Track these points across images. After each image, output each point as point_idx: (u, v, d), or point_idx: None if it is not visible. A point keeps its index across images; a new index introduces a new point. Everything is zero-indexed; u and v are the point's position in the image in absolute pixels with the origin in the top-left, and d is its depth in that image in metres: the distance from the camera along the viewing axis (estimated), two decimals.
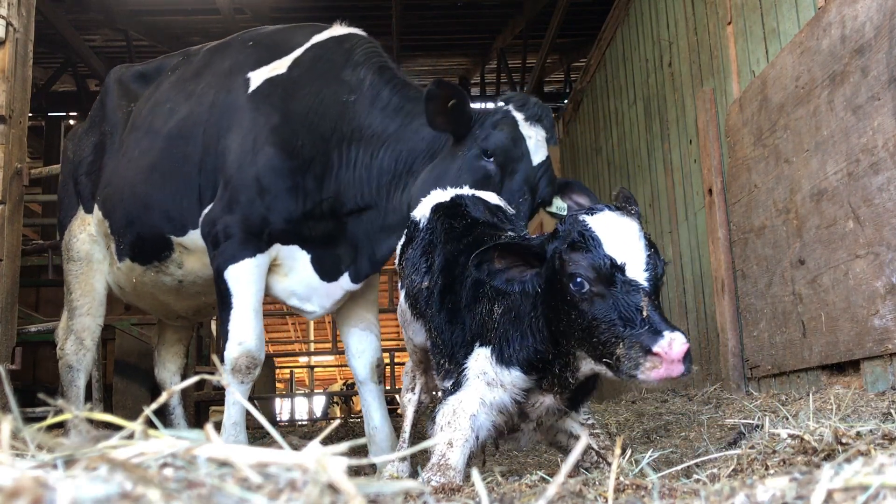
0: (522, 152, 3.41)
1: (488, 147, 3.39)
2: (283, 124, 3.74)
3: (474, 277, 2.33)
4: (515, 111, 3.48)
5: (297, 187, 3.67)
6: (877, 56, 3.23)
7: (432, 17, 10.75)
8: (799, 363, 3.88)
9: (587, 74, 8.84)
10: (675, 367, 1.80)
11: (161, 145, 4.08)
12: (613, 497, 1.24)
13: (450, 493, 1.89)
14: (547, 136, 3.52)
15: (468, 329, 2.33)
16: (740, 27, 4.83)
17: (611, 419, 4.36)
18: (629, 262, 1.93)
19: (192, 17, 10.35)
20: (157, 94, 4.43)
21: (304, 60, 3.95)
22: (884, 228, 3.16)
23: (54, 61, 11.66)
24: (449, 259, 2.53)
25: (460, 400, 2.21)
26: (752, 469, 1.79)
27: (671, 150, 6.10)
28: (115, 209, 4.26)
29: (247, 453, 0.85)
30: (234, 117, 3.86)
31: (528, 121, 3.48)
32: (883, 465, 1.03)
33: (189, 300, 4.38)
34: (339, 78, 3.88)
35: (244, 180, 3.67)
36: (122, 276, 4.41)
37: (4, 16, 4.22)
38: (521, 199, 3.36)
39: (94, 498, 0.71)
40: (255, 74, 3.97)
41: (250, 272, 3.63)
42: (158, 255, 4.12)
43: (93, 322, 4.49)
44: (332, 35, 4.05)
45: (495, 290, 2.27)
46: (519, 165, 3.40)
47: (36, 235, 11.08)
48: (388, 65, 3.95)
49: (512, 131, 3.42)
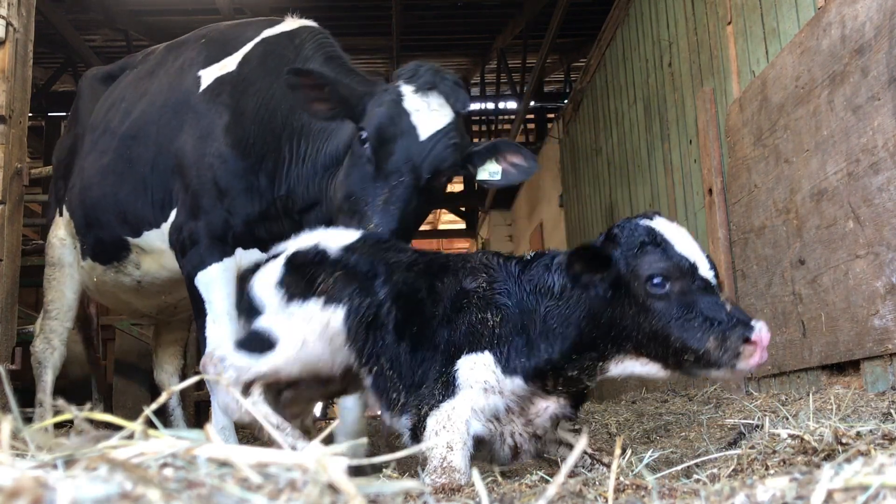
0: (402, 129, 3.15)
1: (363, 131, 3.19)
2: (234, 123, 3.69)
3: (457, 289, 2.33)
4: (404, 84, 3.24)
5: (252, 187, 3.62)
6: (877, 56, 3.23)
7: (432, 17, 10.76)
8: (799, 363, 3.88)
9: (587, 74, 8.84)
10: (765, 353, 1.95)
11: (115, 145, 4.09)
12: (613, 497, 1.24)
13: (450, 493, 1.89)
14: (446, 101, 3.24)
15: (448, 343, 2.30)
16: (740, 27, 4.83)
17: (611, 419, 4.36)
18: (699, 262, 2.02)
19: (191, 17, 10.35)
20: (115, 93, 4.44)
21: (254, 56, 3.89)
22: (884, 228, 3.16)
23: (54, 61, 11.66)
24: (403, 288, 2.47)
25: (453, 406, 2.20)
26: (752, 469, 1.79)
27: (671, 150, 6.09)
28: (77, 210, 4.34)
29: (247, 453, 0.85)
30: (185, 117, 3.83)
31: (419, 91, 3.22)
32: (883, 465, 1.03)
33: (149, 299, 4.40)
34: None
35: (203, 184, 3.64)
36: (85, 275, 4.50)
37: (4, 16, 4.22)
38: (396, 181, 3.10)
39: (94, 498, 0.71)
40: (205, 72, 3.93)
41: (219, 277, 3.61)
42: (117, 256, 4.16)
43: (60, 325, 4.65)
44: (283, 30, 3.98)
45: (483, 300, 2.27)
46: (395, 145, 3.14)
47: (36, 235, 11.08)
48: (335, 54, 3.83)
49: (390, 108, 3.18)
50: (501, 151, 3.39)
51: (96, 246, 4.23)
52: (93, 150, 4.28)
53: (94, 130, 4.36)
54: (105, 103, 4.45)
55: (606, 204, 8.06)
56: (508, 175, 3.41)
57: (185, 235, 3.68)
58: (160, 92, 4.06)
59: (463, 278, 2.38)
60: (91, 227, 4.22)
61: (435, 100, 3.21)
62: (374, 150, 3.14)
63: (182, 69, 4.06)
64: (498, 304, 2.27)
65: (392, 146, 3.13)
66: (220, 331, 3.57)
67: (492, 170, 3.38)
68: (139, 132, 4.00)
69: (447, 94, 3.24)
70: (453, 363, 2.24)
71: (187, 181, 3.71)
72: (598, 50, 8.22)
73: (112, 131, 4.18)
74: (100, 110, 4.45)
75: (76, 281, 4.60)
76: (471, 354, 2.24)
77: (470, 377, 2.21)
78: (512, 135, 11.53)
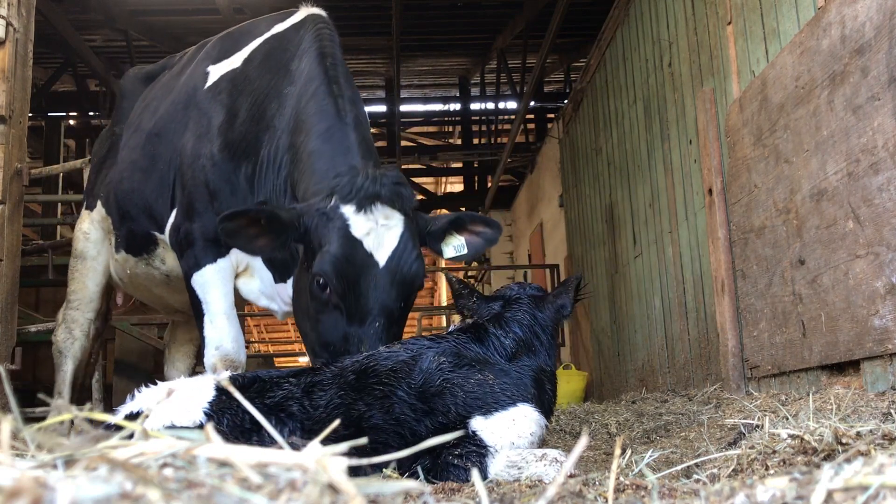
0: (360, 264, 2.83)
1: (318, 276, 2.87)
2: (227, 123, 3.65)
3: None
4: (343, 205, 2.89)
5: (238, 190, 3.59)
6: (877, 56, 3.23)
7: (432, 17, 10.76)
8: (799, 363, 3.88)
9: (587, 74, 8.84)
10: None
11: (142, 142, 4.16)
12: (613, 497, 1.24)
13: (450, 493, 1.89)
14: (393, 208, 2.92)
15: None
16: (740, 27, 4.83)
17: (611, 419, 4.36)
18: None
19: (191, 17, 10.36)
20: (151, 93, 4.52)
21: (259, 53, 3.83)
22: (884, 228, 3.16)
23: (54, 61, 11.66)
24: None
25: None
26: (752, 469, 1.79)
27: (671, 150, 6.09)
28: (112, 204, 4.42)
29: (247, 453, 0.85)
30: (191, 114, 3.85)
31: (361, 209, 2.87)
32: (883, 465, 1.03)
33: (180, 294, 4.41)
34: (287, 68, 3.68)
35: (196, 185, 3.64)
36: (119, 268, 4.55)
37: (4, 16, 4.22)
38: (372, 322, 2.81)
39: (94, 498, 0.71)
40: (214, 69, 3.93)
41: (214, 277, 3.62)
42: (146, 248, 4.23)
43: (81, 316, 4.78)
44: (292, 23, 3.90)
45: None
46: (360, 287, 2.82)
47: (36, 235, 11.07)
48: (328, 51, 3.63)
49: (341, 242, 2.84)
50: (461, 224, 3.23)
51: (129, 238, 4.32)
52: (125, 147, 4.38)
53: (129, 128, 4.46)
54: (142, 103, 4.54)
55: (606, 204, 8.07)
56: (474, 245, 3.23)
57: (182, 237, 3.71)
58: (180, 89, 4.10)
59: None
60: (124, 220, 4.31)
61: (381, 212, 2.90)
62: (340, 295, 2.86)
63: (198, 65, 4.09)
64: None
65: (357, 288, 2.84)
66: (218, 330, 3.58)
67: (455, 244, 3.20)
68: (162, 129, 4.06)
69: (392, 201, 2.93)
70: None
71: (184, 181, 3.74)
72: (598, 50, 8.21)
73: (141, 129, 4.26)
74: (136, 109, 4.55)
75: (99, 273, 4.73)
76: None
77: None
78: (512, 135, 11.52)
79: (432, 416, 2.33)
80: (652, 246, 6.59)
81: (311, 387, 2.41)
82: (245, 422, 2.27)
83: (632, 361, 7.14)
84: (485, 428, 2.29)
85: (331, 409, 2.34)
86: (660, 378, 6.29)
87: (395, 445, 2.22)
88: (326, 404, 2.35)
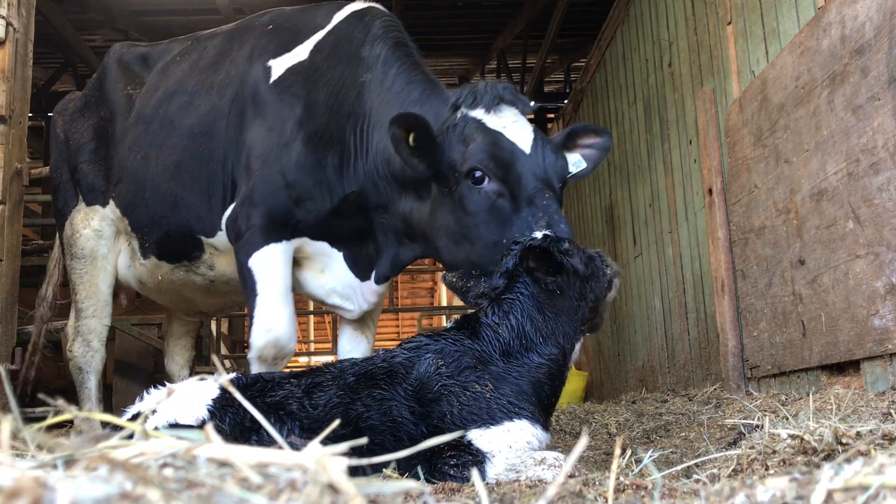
0: (510, 151, 2.89)
1: (474, 169, 2.87)
2: (307, 116, 3.53)
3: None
4: (471, 111, 2.99)
5: (322, 182, 3.46)
6: (877, 56, 3.23)
7: (432, 17, 10.75)
8: (799, 363, 3.88)
9: (587, 74, 8.84)
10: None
11: (185, 142, 3.90)
12: (613, 497, 1.24)
13: (450, 493, 1.89)
14: (518, 108, 3.03)
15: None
16: (740, 27, 4.83)
17: (611, 419, 4.36)
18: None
19: (192, 17, 10.35)
20: (168, 82, 4.19)
21: (326, 44, 3.73)
22: (884, 228, 3.16)
23: (54, 61, 11.66)
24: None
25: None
26: (752, 469, 1.79)
27: (671, 150, 6.09)
28: (137, 207, 4.09)
29: (247, 453, 0.85)
30: (256, 109, 3.68)
31: (490, 111, 2.97)
32: (883, 465, 1.03)
33: (218, 298, 4.27)
34: (359, 56, 3.62)
35: (269, 175, 3.48)
36: (145, 273, 4.26)
37: (4, 16, 4.22)
38: (542, 200, 2.81)
39: (94, 498, 0.71)
40: (276, 62, 3.76)
41: (275, 258, 3.43)
42: (188, 255, 3.97)
43: (98, 324, 4.41)
44: (352, 10, 3.83)
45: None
46: (517, 168, 2.86)
47: (36, 235, 11.08)
48: (402, 40, 3.65)
49: (485, 136, 2.91)
50: (574, 138, 3.25)
51: (163, 244, 4.01)
52: (149, 144, 4.04)
53: (146, 122, 4.10)
54: (155, 92, 4.18)
55: (606, 204, 8.07)
56: (591, 158, 3.27)
57: (242, 220, 3.51)
58: (229, 84, 3.87)
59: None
60: (157, 225, 4.00)
61: (509, 112, 3.00)
62: (501, 180, 2.86)
63: (251, 58, 3.87)
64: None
65: (516, 170, 2.85)
66: (272, 312, 3.39)
67: (574, 161, 3.19)
68: (209, 128, 3.82)
69: (513, 103, 3.04)
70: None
71: (252, 171, 3.55)
72: (598, 50, 8.22)
73: (175, 126, 3.96)
74: (148, 98, 4.19)
75: (109, 274, 4.36)
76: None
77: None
78: None
79: (428, 420, 2.32)
80: (652, 246, 6.59)
81: (312, 387, 2.42)
82: (246, 420, 2.28)
83: (632, 361, 7.14)
84: (480, 437, 2.28)
85: (329, 408, 2.35)
86: (660, 378, 6.29)
87: (393, 449, 2.22)
88: (325, 404, 2.36)
